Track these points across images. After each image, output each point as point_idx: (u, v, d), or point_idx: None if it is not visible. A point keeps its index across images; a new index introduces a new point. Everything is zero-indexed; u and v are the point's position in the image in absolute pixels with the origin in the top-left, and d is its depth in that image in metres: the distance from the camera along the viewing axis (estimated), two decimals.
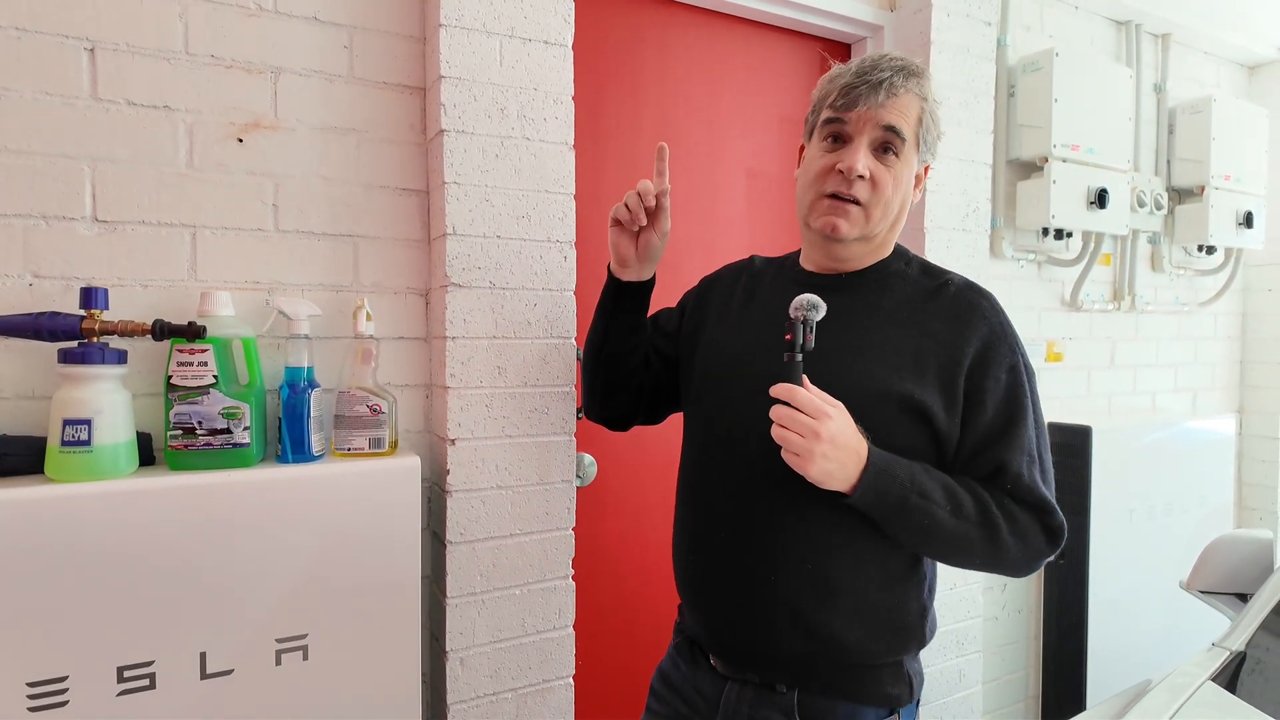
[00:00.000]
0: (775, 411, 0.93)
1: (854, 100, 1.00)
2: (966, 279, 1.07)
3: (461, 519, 1.34)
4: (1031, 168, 2.14)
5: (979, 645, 2.00)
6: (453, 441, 1.32)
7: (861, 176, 1.00)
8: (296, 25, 1.30)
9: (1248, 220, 2.50)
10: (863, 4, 1.89)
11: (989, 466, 0.97)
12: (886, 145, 1.01)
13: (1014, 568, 0.99)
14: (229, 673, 1.12)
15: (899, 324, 1.02)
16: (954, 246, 1.89)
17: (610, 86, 1.67)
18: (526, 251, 1.39)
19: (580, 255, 1.51)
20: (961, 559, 0.98)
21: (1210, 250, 2.59)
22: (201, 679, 1.10)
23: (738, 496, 1.04)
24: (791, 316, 0.94)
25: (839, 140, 1.03)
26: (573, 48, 1.44)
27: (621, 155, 1.68)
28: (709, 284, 1.27)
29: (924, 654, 1.90)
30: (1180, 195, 2.53)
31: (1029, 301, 2.24)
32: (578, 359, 1.48)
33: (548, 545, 1.42)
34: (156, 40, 1.20)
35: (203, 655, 1.10)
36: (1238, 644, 1.16)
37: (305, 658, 1.17)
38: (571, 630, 1.46)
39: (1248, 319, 2.82)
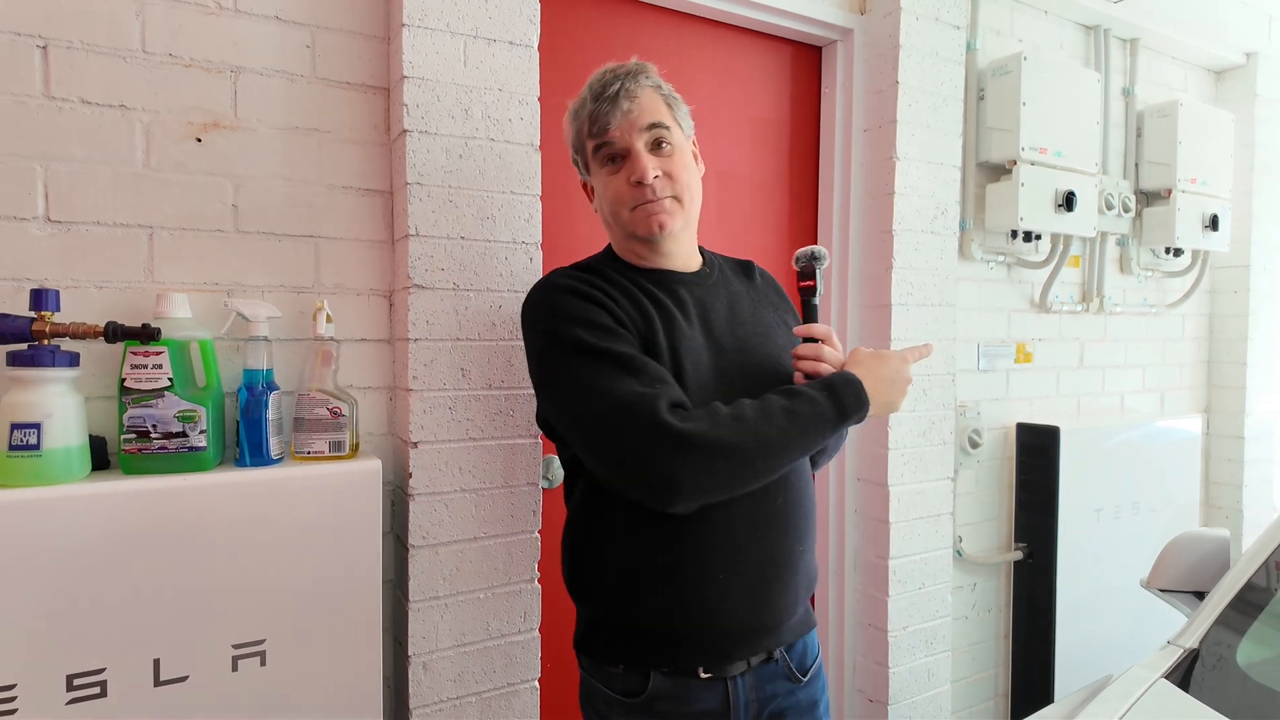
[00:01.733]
0: (812, 349, 1.07)
1: (606, 121, 1.07)
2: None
3: (424, 522, 1.33)
4: (1001, 170, 2.15)
5: (947, 644, 2.01)
6: (415, 444, 1.32)
7: (656, 177, 1.08)
8: (257, 24, 1.28)
9: (1213, 223, 2.54)
10: (833, 7, 1.90)
11: None
12: (658, 140, 1.09)
13: None
14: (184, 679, 1.10)
15: (766, 305, 1.20)
16: (922, 249, 1.91)
17: (577, 87, 1.66)
18: (492, 253, 1.39)
19: (547, 257, 1.50)
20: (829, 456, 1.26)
21: (1177, 252, 2.62)
22: (155, 686, 1.08)
23: (765, 488, 1.02)
24: (803, 269, 1.15)
25: (615, 159, 1.10)
26: (539, 49, 1.44)
27: None
28: (599, 292, 1.06)
29: (891, 653, 1.92)
30: (1148, 198, 2.56)
31: (999, 303, 2.26)
32: None
33: (513, 548, 1.42)
34: (112, 38, 1.18)
35: (156, 662, 1.08)
36: (1191, 641, 1.17)
37: (263, 663, 1.15)
38: (537, 634, 1.45)
39: (1214, 320, 2.86)
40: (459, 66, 1.35)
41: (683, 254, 1.17)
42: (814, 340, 1.09)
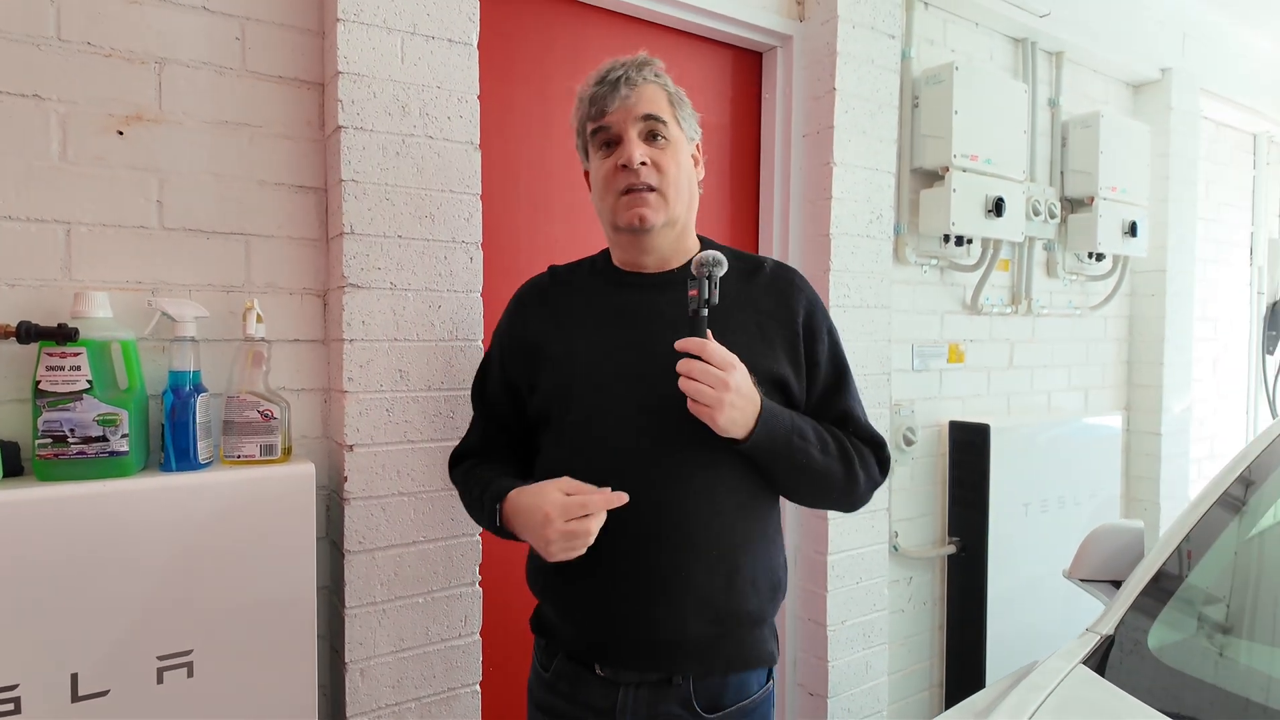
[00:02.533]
0: (685, 365, 0.96)
1: (604, 104, 1.08)
2: (774, 259, 1.18)
3: (360, 527, 1.30)
4: (934, 176, 2.22)
5: (885, 637, 2.06)
6: (350, 447, 1.29)
7: (644, 163, 1.07)
8: (183, 14, 1.24)
9: (1132, 229, 2.66)
10: (773, 14, 1.93)
11: (834, 415, 1.12)
12: (653, 133, 1.09)
13: (858, 499, 1.12)
14: (104, 694, 1.06)
15: (736, 306, 1.10)
16: (859, 252, 1.95)
17: (520, 87, 1.66)
18: (430, 252, 1.37)
19: (488, 256, 1.49)
20: (823, 495, 1.10)
21: (1099, 257, 2.74)
22: (73, 701, 1.04)
23: (640, 498, 1.01)
24: (695, 274, 1.00)
25: (610, 145, 1.10)
26: (480, 47, 1.43)
27: (532, 156, 1.67)
28: (517, 320, 1.19)
29: (830, 647, 1.96)
30: (1072, 205, 2.67)
31: (932, 305, 2.33)
32: None
33: (453, 552, 1.40)
34: (23, 24, 1.13)
35: (74, 676, 1.04)
36: (1107, 628, 1.23)
37: (190, 674, 1.12)
38: (478, 637, 1.44)
39: (1134, 322, 3.00)
40: (396, 63, 1.33)
41: (664, 251, 1.13)
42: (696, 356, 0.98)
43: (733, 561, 1.04)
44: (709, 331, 0.99)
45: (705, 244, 1.19)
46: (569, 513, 0.95)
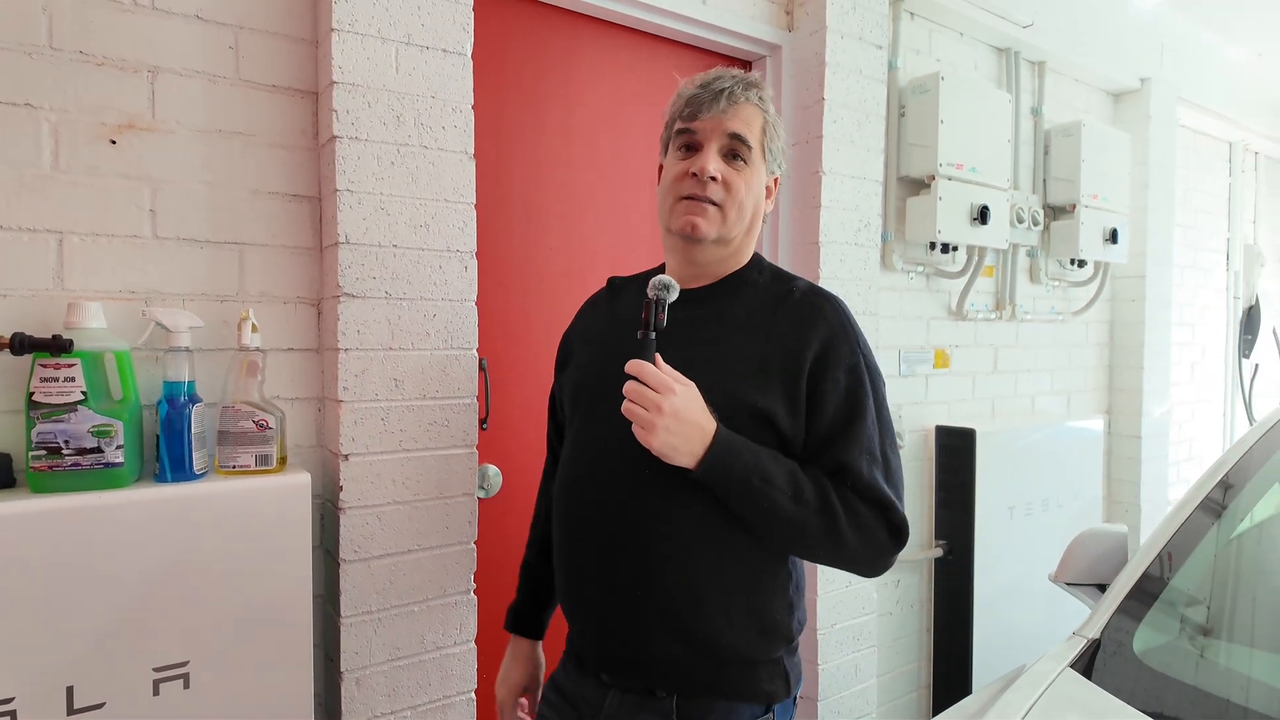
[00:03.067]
0: (625, 387, 0.95)
1: (699, 109, 1.06)
2: (812, 284, 1.11)
3: (355, 536, 1.30)
4: (920, 185, 2.25)
5: (874, 640, 2.08)
6: (346, 457, 1.29)
7: (714, 178, 1.04)
8: (176, 23, 1.24)
9: (1113, 236, 2.71)
10: (763, 24, 1.95)
11: (830, 465, 1.00)
12: (734, 152, 1.07)
13: (859, 563, 1.02)
14: (100, 706, 1.05)
15: (747, 331, 1.05)
16: (847, 260, 1.98)
17: (513, 95, 1.67)
18: (425, 261, 1.37)
19: (482, 265, 1.50)
20: (803, 547, 1.02)
21: (1081, 263, 2.79)
22: (69, 715, 1.04)
23: (608, 508, 1.05)
24: (648, 296, 0.98)
25: (691, 149, 1.08)
26: (474, 57, 1.43)
27: (525, 164, 1.68)
28: (571, 326, 1.28)
29: (821, 650, 1.98)
30: (1054, 212, 2.72)
31: (919, 311, 2.36)
32: (480, 370, 1.47)
33: (448, 560, 1.40)
34: (15, 33, 1.13)
35: (70, 689, 1.03)
36: (1094, 632, 1.25)
37: (186, 686, 1.12)
38: (473, 645, 1.44)
39: (1115, 327, 3.05)
40: (390, 73, 1.33)
41: (710, 268, 1.11)
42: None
43: (700, 590, 1.01)
44: (658, 356, 0.97)
45: (758, 264, 1.15)
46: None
